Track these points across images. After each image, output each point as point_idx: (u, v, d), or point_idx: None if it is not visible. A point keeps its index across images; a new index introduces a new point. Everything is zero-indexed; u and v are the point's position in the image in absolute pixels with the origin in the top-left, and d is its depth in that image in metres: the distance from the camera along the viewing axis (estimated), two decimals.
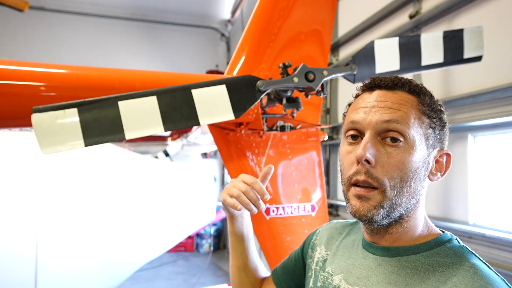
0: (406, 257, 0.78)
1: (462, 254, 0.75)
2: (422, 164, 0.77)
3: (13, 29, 7.18)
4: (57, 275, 2.46)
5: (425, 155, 0.78)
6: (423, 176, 0.78)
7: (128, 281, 4.72)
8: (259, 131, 1.95)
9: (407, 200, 0.77)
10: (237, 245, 1.10)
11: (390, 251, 0.80)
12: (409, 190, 0.76)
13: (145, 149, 6.01)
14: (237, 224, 1.07)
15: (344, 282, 0.84)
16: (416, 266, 0.76)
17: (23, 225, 2.35)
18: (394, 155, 0.75)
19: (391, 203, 0.75)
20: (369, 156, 0.74)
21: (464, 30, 1.79)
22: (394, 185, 0.75)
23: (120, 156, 3.25)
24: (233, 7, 8.06)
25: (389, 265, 0.79)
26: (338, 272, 0.88)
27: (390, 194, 0.75)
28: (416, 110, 0.78)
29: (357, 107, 0.82)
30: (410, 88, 0.80)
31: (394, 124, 0.75)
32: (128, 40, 8.05)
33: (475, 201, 2.49)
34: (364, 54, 1.68)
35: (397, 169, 0.75)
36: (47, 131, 1.10)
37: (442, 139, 0.82)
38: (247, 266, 1.12)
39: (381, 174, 0.75)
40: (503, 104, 2.23)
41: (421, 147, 0.77)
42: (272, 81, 1.44)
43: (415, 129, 0.76)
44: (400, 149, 0.75)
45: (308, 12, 2.01)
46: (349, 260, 0.88)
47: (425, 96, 0.81)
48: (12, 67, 1.43)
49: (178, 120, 1.23)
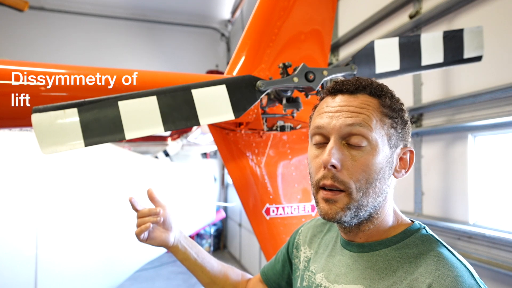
0: (379, 251, 0.82)
1: (428, 243, 0.79)
2: (386, 164, 0.80)
3: (13, 29, 7.18)
4: (57, 274, 2.46)
5: (388, 154, 0.81)
6: (387, 175, 0.81)
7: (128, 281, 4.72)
8: (259, 131, 1.95)
9: (373, 199, 0.80)
10: (193, 268, 1.14)
11: (364, 247, 0.84)
12: (374, 190, 0.79)
13: (145, 149, 6.02)
14: (178, 251, 1.13)
15: (325, 280, 0.88)
16: (388, 259, 0.79)
17: (23, 225, 2.35)
18: (358, 158, 0.78)
19: (357, 204, 0.79)
20: (335, 162, 0.77)
21: (464, 30, 1.79)
22: (360, 187, 0.78)
23: (120, 156, 3.25)
24: (233, 7, 8.06)
25: (364, 260, 0.83)
26: (320, 271, 0.92)
27: (356, 196, 0.78)
28: (377, 112, 0.80)
29: (321, 111, 0.85)
30: (371, 91, 0.82)
31: (357, 127, 0.78)
32: (128, 40, 8.05)
33: (475, 201, 2.49)
34: (364, 54, 1.68)
35: (362, 171, 0.78)
36: (47, 131, 1.10)
37: (404, 137, 0.84)
38: (215, 278, 1.15)
39: (346, 177, 0.78)
40: (503, 104, 2.23)
41: (384, 147, 0.80)
42: (272, 81, 1.44)
43: (377, 131, 0.79)
44: (364, 151, 0.78)
45: (308, 12, 2.01)
46: (329, 258, 0.92)
47: (386, 97, 0.83)
48: (12, 67, 1.43)
49: (178, 120, 1.23)
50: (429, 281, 0.70)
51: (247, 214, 1.92)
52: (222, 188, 8.94)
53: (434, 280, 0.70)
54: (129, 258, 3.03)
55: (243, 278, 1.22)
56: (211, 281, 1.15)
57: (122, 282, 3.06)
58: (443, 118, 2.71)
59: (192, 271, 1.15)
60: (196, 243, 1.18)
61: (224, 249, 8.33)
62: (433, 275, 0.70)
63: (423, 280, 0.71)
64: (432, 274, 0.71)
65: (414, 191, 2.90)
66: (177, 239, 1.13)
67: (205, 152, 7.37)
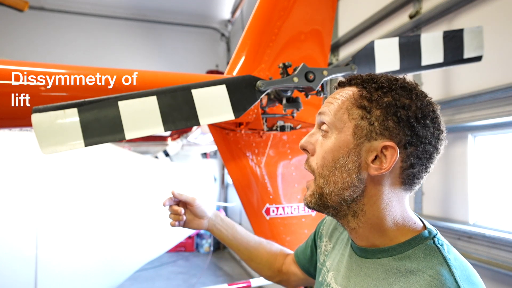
0: (381, 259, 0.77)
1: (430, 259, 0.72)
2: (347, 154, 0.77)
3: (13, 29, 7.18)
4: (57, 274, 2.46)
5: (350, 144, 0.77)
6: (352, 167, 0.76)
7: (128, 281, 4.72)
8: (259, 131, 1.95)
9: (337, 190, 0.78)
10: (230, 245, 1.26)
11: (367, 252, 0.81)
12: (334, 179, 0.78)
13: (145, 149, 6.01)
14: (214, 232, 1.26)
15: (333, 280, 0.87)
16: (386, 270, 0.75)
17: (23, 225, 2.35)
18: (321, 144, 0.81)
19: (320, 191, 0.80)
20: (303, 143, 0.83)
21: (464, 30, 1.78)
22: (321, 173, 0.80)
23: (120, 156, 3.25)
24: (233, 7, 8.06)
25: (365, 267, 0.80)
26: (332, 269, 0.91)
27: (319, 182, 0.80)
28: (348, 103, 0.79)
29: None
30: (357, 81, 0.81)
31: (322, 116, 0.82)
32: (128, 40, 8.05)
33: (475, 201, 2.49)
34: (364, 54, 1.68)
35: (322, 158, 0.80)
36: (47, 131, 1.10)
37: (389, 131, 0.74)
38: (250, 255, 1.24)
39: (314, 162, 0.82)
40: (503, 104, 2.23)
41: (342, 135, 0.77)
42: (272, 81, 1.44)
43: (338, 118, 0.78)
44: (326, 139, 0.80)
45: (308, 12, 2.01)
46: (340, 257, 0.90)
47: (368, 87, 0.78)
48: (12, 67, 1.43)
49: (178, 120, 1.23)
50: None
51: (247, 214, 1.92)
52: (222, 188, 8.94)
53: None
54: (129, 258, 3.03)
55: (282, 253, 1.27)
56: (248, 258, 1.25)
57: (122, 282, 3.06)
58: (443, 118, 2.70)
59: (230, 248, 1.27)
60: (233, 223, 1.29)
61: (224, 249, 8.32)
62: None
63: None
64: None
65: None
66: (211, 224, 1.26)
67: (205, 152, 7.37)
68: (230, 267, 7.15)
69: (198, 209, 1.23)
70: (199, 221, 1.25)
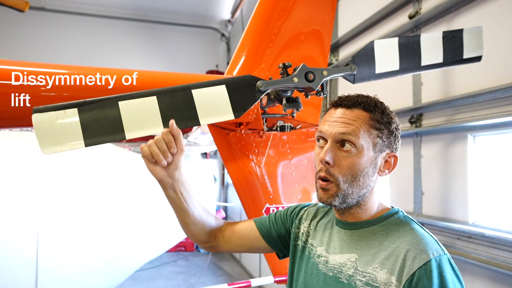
0: (367, 228, 1.07)
1: (405, 221, 1.05)
2: (370, 164, 1.03)
3: (13, 29, 7.18)
4: (58, 274, 2.46)
5: (372, 157, 1.03)
6: (371, 173, 1.05)
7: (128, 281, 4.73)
8: (259, 131, 1.96)
9: (357, 190, 1.04)
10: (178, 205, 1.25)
11: (355, 225, 1.09)
12: (358, 183, 1.03)
13: None
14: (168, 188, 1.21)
15: (325, 252, 1.12)
16: (374, 233, 1.04)
17: (24, 224, 2.36)
18: (346, 158, 1.02)
19: (344, 193, 1.04)
20: (328, 159, 1.02)
21: (464, 30, 1.79)
22: (346, 180, 1.03)
23: (120, 156, 3.25)
24: (233, 7, 8.06)
25: (355, 235, 1.07)
26: (319, 245, 1.16)
27: (343, 187, 1.03)
28: (366, 125, 1.03)
29: (324, 120, 1.09)
30: (365, 106, 1.05)
31: (347, 135, 1.02)
32: (128, 40, 8.05)
33: (475, 201, 2.49)
34: (364, 54, 1.68)
35: (349, 169, 1.02)
36: (47, 131, 1.10)
37: (390, 144, 1.06)
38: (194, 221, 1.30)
39: (336, 172, 1.03)
40: (502, 104, 2.24)
41: (368, 152, 1.03)
42: (272, 81, 1.44)
43: (364, 139, 1.02)
44: (351, 154, 1.02)
45: (308, 12, 2.02)
46: (327, 235, 1.16)
47: (376, 112, 1.05)
48: (12, 67, 1.43)
49: (178, 120, 1.23)
50: (407, 247, 0.94)
51: (247, 214, 1.93)
52: (222, 188, 8.94)
53: (411, 247, 0.94)
54: (129, 258, 3.03)
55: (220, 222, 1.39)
56: (191, 222, 1.32)
57: (122, 282, 3.07)
58: (442, 118, 2.71)
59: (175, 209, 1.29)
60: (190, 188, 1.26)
61: None
62: (410, 243, 0.95)
63: (403, 247, 0.95)
64: (409, 242, 0.95)
65: (414, 191, 2.90)
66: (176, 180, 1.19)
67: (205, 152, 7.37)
68: (230, 267, 7.16)
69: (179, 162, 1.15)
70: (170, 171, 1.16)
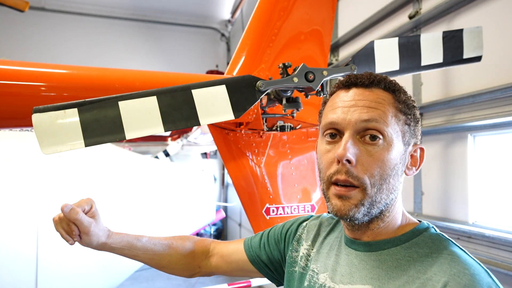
0: (387, 250, 0.79)
1: (439, 242, 0.77)
2: (400, 160, 0.78)
3: (13, 30, 7.18)
4: (58, 274, 2.46)
5: (402, 151, 0.79)
6: (400, 171, 0.80)
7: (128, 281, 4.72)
8: (259, 131, 1.96)
9: (386, 196, 0.77)
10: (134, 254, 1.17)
11: (371, 245, 0.81)
12: (388, 186, 0.77)
13: (145, 149, 6.02)
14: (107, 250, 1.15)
15: (330, 281, 0.85)
16: (397, 258, 0.77)
17: (24, 225, 2.35)
18: (373, 153, 0.76)
19: (371, 200, 0.76)
20: (350, 156, 0.75)
21: (464, 30, 1.79)
22: (374, 183, 0.76)
23: (120, 156, 3.25)
24: (233, 7, 8.06)
25: (371, 260, 0.80)
26: (323, 271, 0.89)
27: (370, 192, 0.76)
28: (392, 108, 0.79)
29: (334, 106, 0.82)
30: (386, 85, 0.81)
31: (373, 123, 0.76)
32: (128, 40, 8.05)
33: (475, 201, 2.49)
34: (363, 54, 1.68)
35: (377, 167, 0.76)
36: (47, 131, 1.10)
37: (416, 134, 0.83)
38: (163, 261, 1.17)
39: (361, 173, 0.75)
40: (502, 104, 2.23)
41: (398, 144, 0.78)
42: (272, 81, 1.44)
43: (392, 126, 0.77)
44: (379, 147, 0.76)
45: (308, 12, 2.02)
46: (333, 258, 0.89)
47: (400, 93, 0.82)
48: (12, 67, 1.43)
49: (178, 120, 1.23)
50: (445, 279, 0.67)
51: (247, 214, 1.93)
52: (222, 188, 8.94)
53: (450, 279, 0.67)
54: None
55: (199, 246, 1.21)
56: (160, 266, 1.17)
57: (122, 282, 3.06)
58: (442, 118, 2.71)
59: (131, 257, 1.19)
60: (131, 239, 1.20)
61: None
62: (449, 274, 0.68)
63: (438, 279, 0.68)
64: (447, 273, 0.68)
65: (414, 191, 2.90)
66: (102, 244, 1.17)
67: (205, 152, 7.37)
68: None
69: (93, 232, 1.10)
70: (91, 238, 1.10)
